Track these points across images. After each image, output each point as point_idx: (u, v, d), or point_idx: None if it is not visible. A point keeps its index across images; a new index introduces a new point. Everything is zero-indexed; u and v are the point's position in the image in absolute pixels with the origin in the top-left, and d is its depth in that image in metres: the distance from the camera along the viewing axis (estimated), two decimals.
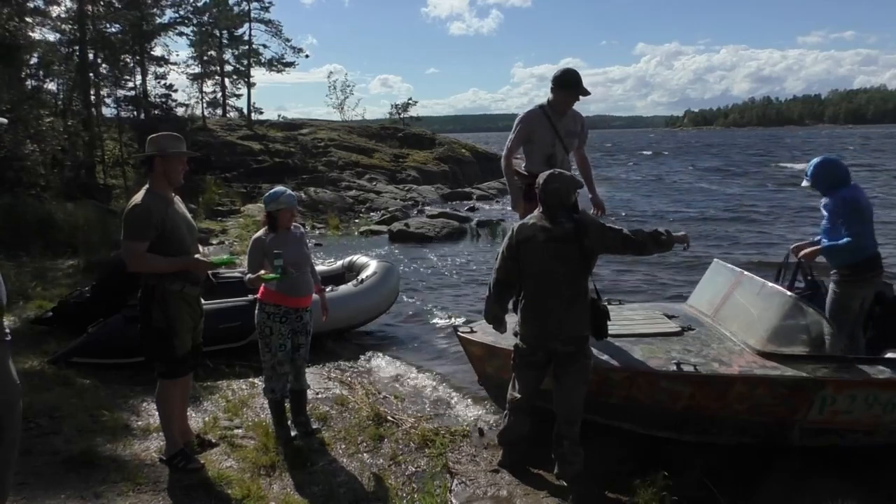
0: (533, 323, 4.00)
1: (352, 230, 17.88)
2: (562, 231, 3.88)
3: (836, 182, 4.91)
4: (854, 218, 4.74)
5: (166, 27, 25.69)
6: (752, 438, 4.45)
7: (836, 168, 4.96)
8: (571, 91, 5.18)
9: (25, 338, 6.55)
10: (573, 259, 3.89)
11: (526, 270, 3.99)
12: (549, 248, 3.88)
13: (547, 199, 3.96)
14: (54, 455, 4.18)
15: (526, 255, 3.96)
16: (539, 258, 3.92)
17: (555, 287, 3.91)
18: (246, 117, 36.52)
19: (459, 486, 4.10)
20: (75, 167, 18.14)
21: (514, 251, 4.02)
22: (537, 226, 3.95)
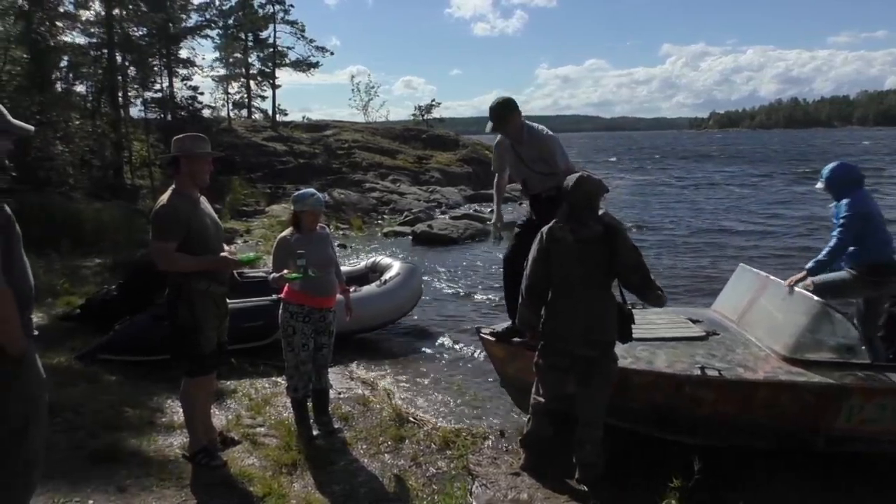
0: (558, 325, 3.95)
1: (375, 231, 17.94)
2: (591, 234, 3.84)
3: (846, 187, 4.93)
4: (850, 223, 4.80)
5: (192, 30, 25.98)
6: (775, 444, 4.38)
7: (850, 172, 5.00)
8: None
9: (54, 334, 6.66)
10: (601, 262, 3.85)
11: (554, 273, 3.95)
12: (578, 250, 3.84)
13: (575, 202, 3.91)
14: (80, 449, 4.24)
15: (555, 258, 3.92)
16: (567, 260, 3.88)
17: (581, 290, 3.87)
18: (271, 119, 36.85)
19: (480, 489, 4.08)
20: (103, 167, 18.41)
21: (544, 254, 3.96)
22: (566, 228, 3.90)
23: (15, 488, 2.43)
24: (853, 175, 5.00)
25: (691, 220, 19.07)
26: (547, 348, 4.05)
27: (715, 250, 14.13)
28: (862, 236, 4.86)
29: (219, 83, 36.14)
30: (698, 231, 17.10)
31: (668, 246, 14.82)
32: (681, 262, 12.86)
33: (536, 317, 4.07)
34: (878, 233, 4.97)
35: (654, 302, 4.03)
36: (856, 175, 5.01)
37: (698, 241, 15.45)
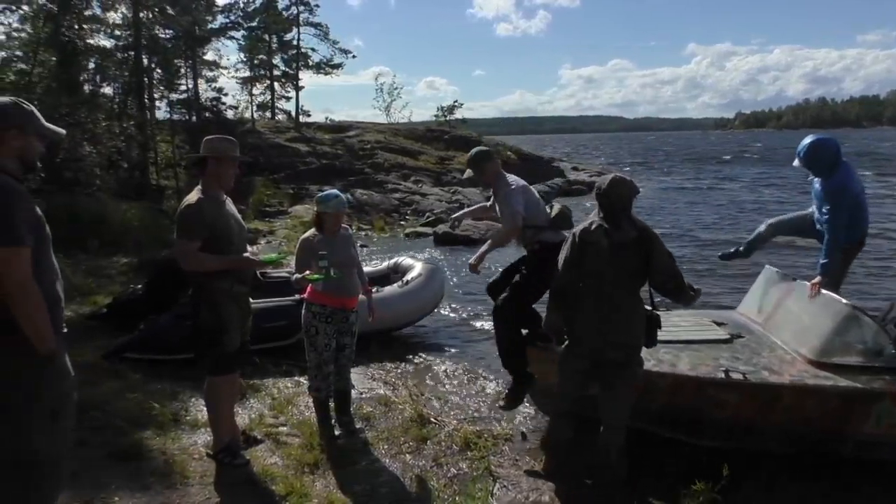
0: (586, 328, 3.88)
1: (397, 232, 17.99)
2: (625, 237, 3.77)
3: (829, 163, 4.83)
4: (844, 205, 4.73)
5: (218, 32, 26.29)
6: (801, 449, 4.32)
7: (830, 147, 4.88)
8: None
9: (80, 332, 6.75)
10: (633, 266, 3.80)
11: (585, 275, 3.86)
12: (611, 253, 3.76)
13: (609, 204, 3.83)
14: (106, 447, 4.29)
15: (587, 260, 3.83)
16: (599, 263, 3.79)
17: (612, 293, 3.80)
18: (294, 120, 37.09)
19: (501, 490, 4.07)
20: (129, 168, 18.64)
21: (577, 257, 3.86)
22: (600, 230, 3.81)
23: (43, 485, 2.47)
24: (833, 149, 4.87)
25: (716, 221, 18.88)
26: (572, 351, 4.00)
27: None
28: (853, 214, 4.81)
29: (243, 85, 36.47)
30: (722, 231, 16.92)
31: (691, 245, 14.68)
32: (704, 262, 12.72)
33: (565, 320, 4.01)
34: (864, 208, 4.96)
35: (688, 302, 4.00)
36: (836, 149, 4.89)
37: (724, 240, 15.28)
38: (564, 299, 3.97)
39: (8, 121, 2.39)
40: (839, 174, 4.83)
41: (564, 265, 3.92)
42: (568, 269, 3.91)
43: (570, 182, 30.91)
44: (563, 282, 3.95)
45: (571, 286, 3.91)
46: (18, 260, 2.26)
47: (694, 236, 16.45)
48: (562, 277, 3.95)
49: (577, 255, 3.86)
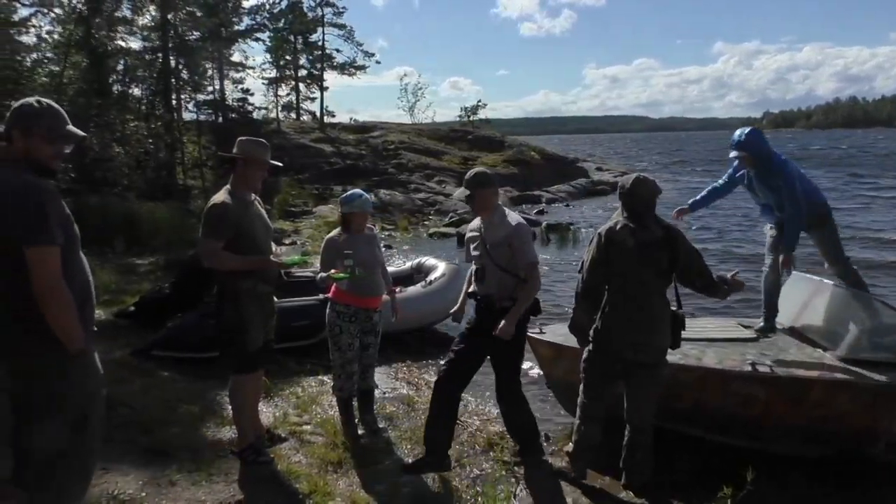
0: (614, 330, 3.83)
1: (421, 232, 18.02)
2: (652, 237, 3.74)
3: (766, 151, 4.90)
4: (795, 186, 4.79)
5: (244, 34, 26.47)
6: (831, 450, 4.24)
7: (763, 135, 5.01)
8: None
9: (109, 330, 6.86)
10: (660, 266, 3.77)
11: (612, 276, 3.82)
12: (638, 253, 3.72)
13: (635, 204, 3.80)
14: (134, 443, 4.35)
15: (614, 260, 3.77)
16: (627, 263, 3.75)
17: (639, 294, 3.77)
18: (319, 120, 37.34)
19: (524, 491, 4.06)
20: (157, 168, 18.90)
21: (603, 256, 3.80)
22: (626, 230, 3.77)
23: (73, 480, 2.51)
24: (764, 138, 4.99)
25: (743, 228, 18.65)
26: (599, 353, 3.94)
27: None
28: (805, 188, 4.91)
29: (269, 85, 36.79)
30: (748, 240, 16.71)
31: (719, 255, 14.52)
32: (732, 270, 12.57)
33: (591, 321, 3.95)
34: (807, 181, 5.05)
35: (723, 296, 3.97)
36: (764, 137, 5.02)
37: (749, 250, 15.10)
38: (592, 300, 3.91)
39: (32, 125, 2.43)
40: (776, 157, 4.93)
41: (591, 265, 3.86)
42: (595, 269, 3.85)
43: (594, 182, 30.76)
44: (591, 282, 3.88)
45: (599, 286, 3.86)
46: (50, 259, 2.30)
47: (724, 240, 16.27)
48: (589, 277, 3.88)
49: (603, 255, 3.80)
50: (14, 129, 2.42)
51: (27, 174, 2.36)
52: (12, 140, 2.41)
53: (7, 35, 13.47)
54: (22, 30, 14.64)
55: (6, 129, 2.42)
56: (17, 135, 2.42)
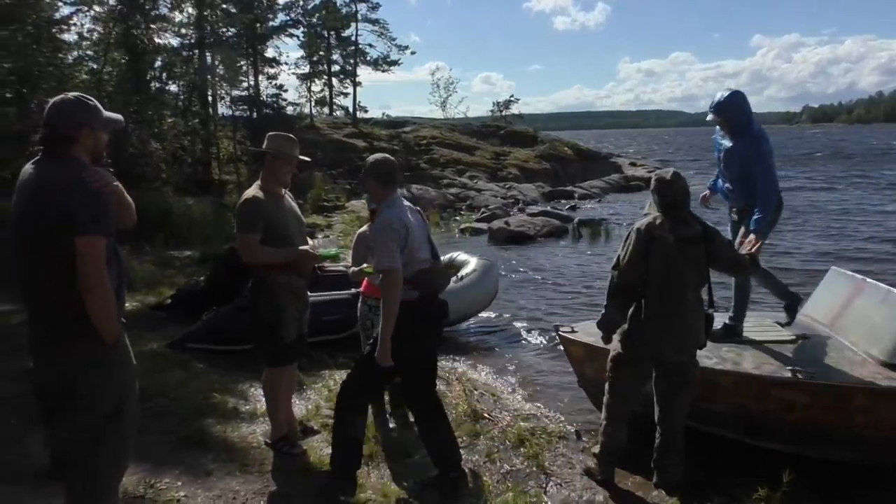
0: (650, 330, 3.73)
1: (452, 228, 18.02)
2: (691, 232, 3.69)
3: (750, 116, 4.56)
4: (771, 162, 4.54)
5: (278, 30, 26.74)
6: (873, 458, 4.14)
7: (747, 100, 4.57)
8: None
9: (146, 323, 7.00)
10: (700, 263, 3.72)
11: (650, 273, 3.70)
12: (678, 249, 3.65)
13: (673, 199, 3.73)
14: (170, 433, 4.44)
15: (654, 256, 3.67)
16: (667, 260, 3.66)
17: (680, 291, 3.69)
18: (352, 116, 37.52)
19: (554, 488, 4.05)
20: (193, 164, 19.20)
21: (643, 252, 3.69)
22: (665, 226, 3.69)
23: (108, 469, 2.57)
24: (748, 103, 4.58)
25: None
26: (630, 353, 3.85)
27: (804, 254, 13.53)
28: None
29: (302, 81, 37.08)
30: (788, 234, 16.41)
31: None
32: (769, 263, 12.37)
33: (623, 318, 3.85)
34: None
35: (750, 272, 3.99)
36: (749, 106, 4.60)
37: (790, 244, 14.83)
38: (626, 297, 3.80)
39: (78, 121, 2.48)
40: (755, 126, 4.61)
41: (629, 261, 3.73)
42: (634, 265, 3.72)
43: (627, 178, 30.46)
44: (627, 278, 3.75)
45: (635, 283, 3.75)
46: (99, 250, 2.36)
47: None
48: (626, 274, 3.75)
49: (643, 251, 3.68)
50: (85, 126, 2.48)
51: (80, 168, 2.42)
52: (73, 140, 2.46)
53: (49, 33, 13.75)
54: (63, 28, 14.94)
55: (66, 131, 2.46)
56: (86, 133, 2.49)
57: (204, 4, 19.68)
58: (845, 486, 4.10)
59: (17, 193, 2.48)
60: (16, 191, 2.48)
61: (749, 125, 4.59)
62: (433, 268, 3.73)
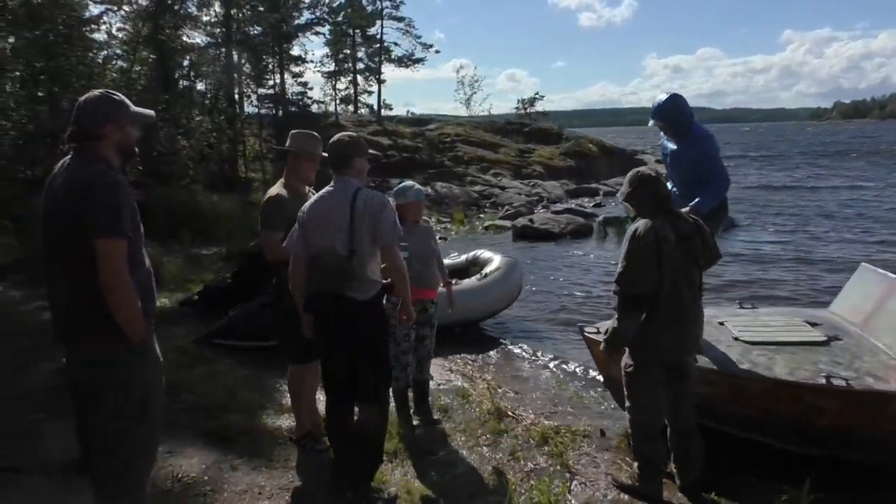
0: (673, 333, 3.59)
1: (476, 225, 18.01)
2: (688, 227, 3.62)
3: (691, 118, 4.48)
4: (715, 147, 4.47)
5: (304, 28, 26.95)
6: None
7: (687, 103, 4.52)
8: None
9: (174, 319, 7.09)
10: (697, 257, 3.65)
11: (664, 275, 3.53)
12: (681, 247, 3.56)
13: (665, 194, 3.65)
14: (196, 428, 4.49)
15: (664, 258, 3.52)
16: (675, 262, 3.54)
17: (689, 291, 3.59)
18: (376, 113, 37.65)
19: (578, 487, 4.02)
20: (220, 161, 19.40)
21: (656, 256, 3.51)
22: (667, 224, 3.57)
23: (136, 463, 2.60)
24: (688, 105, 4.54)
25: (809, 219, 18.06)
26: (648, 362, 3.67)
27: (828, 250, 13.31)
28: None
29: (328, 79, 37.30)
30: (815, 228, 16.18)
31: (779, 244, 14.10)
32: (792, 261, 12.20)
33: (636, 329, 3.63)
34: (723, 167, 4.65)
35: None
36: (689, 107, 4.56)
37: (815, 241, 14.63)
38: (641, 305, 3.57)
39: (103, 117, 2.50)
40: (697, 127, 4.56)
41: (638, 271, 3.51)
42: (643, 274, 3.51)
43: None
44: (639, 289, 3.52)
45: (651, 290, 3.54)
46: (118, 251, 2.37)
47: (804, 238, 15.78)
48: (635, 284, 3.52)
49: (655, 255, 3.50)
50: (109, 124, 2.49)
51: (105, 168, 2.44)
52: (100, 136, 2.49)
53: (80, 32, 13.98)
54: (93, 27, 15.19)
55: (92, 127, 2.48)
56: (111, 128, 2.50)
57: (231, 3, 19.87)
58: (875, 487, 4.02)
59: (44, 192, 2.52)
60: (44, 189, 2.52)
61: (690, 126, 4.57)
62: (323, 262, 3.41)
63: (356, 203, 3.34)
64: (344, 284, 3.36)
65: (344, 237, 3.34)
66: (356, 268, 3.34)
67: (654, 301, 3.55)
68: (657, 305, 3.56)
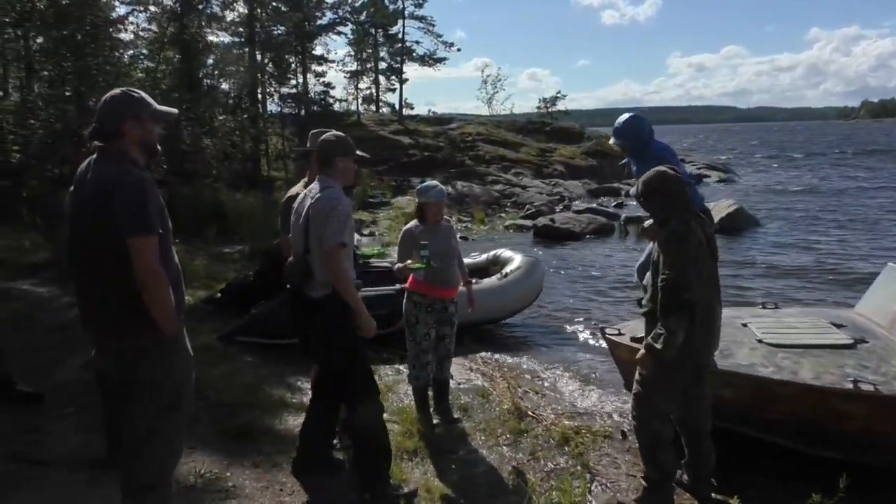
0: (705, 334, 3.50)
1: (497, 224, 17.98)
2: (712, 229, 3.59)
3: (650, 136, 4.47)
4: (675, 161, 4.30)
5: (326, 28, 27.07)
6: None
7: (648, 122, 4.53)
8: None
9: (197, 316, 7.16)
10: (717, 258, 3.61)
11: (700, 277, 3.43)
12: (709, 246, 3.52)
13: (683, 193, 3.55)
14: (219, 424, 4.54)
15: (700, 259, 3.44)
16: (707, 259, 3.50)
17: (716, 290, 3.56)
18: (398, 113, 37.73)
19: (599, 488, 4.01)
20: (243, 160, 19.57)
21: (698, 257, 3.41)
22: (697, 224, 3.48)
23: (164, 458, 2.64)
24: (649, 124, 4.53)
25: (834, 217, 17.80)
26: (679, 367, 3.53)
27: (849, 248, 13.12)
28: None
29: (350, 78, 37.45)
30: (840, 229, 15.94)
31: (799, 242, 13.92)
32: (816, 257, 12.03)
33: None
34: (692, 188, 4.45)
35: None
36: (649, 126, 4.55)
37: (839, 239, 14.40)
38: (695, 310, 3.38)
39: (123, 113, 2.53)
40: (654, 146, 4.54)
41: (691, 268, 3.35)
42: (696, 270, 3.36)
43: None
44: (696, 292, 3.35)
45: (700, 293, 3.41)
46: (151, 248, 2.41)
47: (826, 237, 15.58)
48: (692, 287, 3.32)
49: (697, 255, 3.40)
50: (128, 120, 2.53)
51: (129, 166, 2.48)
52: (120, 133, 2.53)
53: (106, 32, 14.17)
54: (119, 27, 15.38)
55: (112, 124, 2.52)
56: (131, 125, 2.53)
57: (255, 3, 20.02)
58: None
59: (72, 190, 2.56)
60: (72, 187, 2.57)
61: (647, 147, 4.54)
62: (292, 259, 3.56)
63: (314, 204, 3.43)
64: (302, 282, 3.47)
65: (302, 236, 3.47)
66: (311, 266, 3.42)
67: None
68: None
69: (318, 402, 3.88)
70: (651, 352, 3.44)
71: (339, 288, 3.38)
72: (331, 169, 3.56)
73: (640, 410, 3.69)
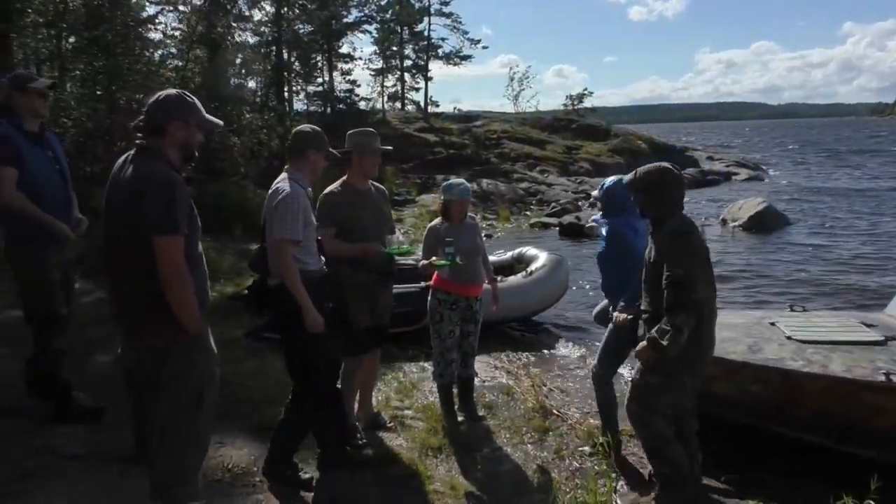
0: (705, 343, 3.46)
1: (522, 222, 17.93)
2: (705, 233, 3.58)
3: (616, 208, 4.31)
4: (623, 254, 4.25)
5: (352, 26, 27.20)
6: None
7: (619, 190, 4.25)
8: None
9: (226, 312, 7.23)
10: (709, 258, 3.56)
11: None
12: (707, 251, 3.47)
13: (681, 198, 3.53)
14: (246, 419, 4.58)
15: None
16: (710, 262, 3.47)
17: (712, 288, 3.46)
18: (423, 110, 37.77)
19: (625, 487, 3.99)
20: (270, 158, 19.71)
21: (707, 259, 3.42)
22: (698, 227, 3.46)
23: (191, 453, 2.67)
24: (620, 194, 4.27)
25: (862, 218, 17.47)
26: (685, 369, 3.48)
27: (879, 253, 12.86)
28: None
29: (375, 76, 37.58)
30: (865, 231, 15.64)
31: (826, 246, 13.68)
32: (837, 260, 11.82)
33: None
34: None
35: None
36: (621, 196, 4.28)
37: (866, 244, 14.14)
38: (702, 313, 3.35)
39: (172, 113, 2.58)
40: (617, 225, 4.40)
41: (700, 269, 3.34)
42: (703, 274, 3.35)
43: (704, 172, 29.63)
44: (704, 292, 3.33)
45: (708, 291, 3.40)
46: (176, 247, 2.45)
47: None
48: (701, 286, 3.30)
49: (706, 258, 3.41)
50: (175, 120, 2.58)
51: (164, 166, 2.51)
52: (165, 132, 2.57)
53: (136, 32, 14.38)
54: (149, 27, 15.60)
55: (159, 121, 2.56)
56: (177, 125, 2.58)
57: (282, 2, 20.16)
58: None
59: (108, 186, 2.61)
60: (108, 183, 2.61)
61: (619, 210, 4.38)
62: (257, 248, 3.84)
63: (270, 195, 3.61)
64: (265, 271, 3.67)
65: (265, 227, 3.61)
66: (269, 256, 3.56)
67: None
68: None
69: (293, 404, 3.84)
70: (654, 347, 3.36)
71: (284, 280, 3.45)
72: (302, 160, 3.67)
73: (641, 411, 3.62)
